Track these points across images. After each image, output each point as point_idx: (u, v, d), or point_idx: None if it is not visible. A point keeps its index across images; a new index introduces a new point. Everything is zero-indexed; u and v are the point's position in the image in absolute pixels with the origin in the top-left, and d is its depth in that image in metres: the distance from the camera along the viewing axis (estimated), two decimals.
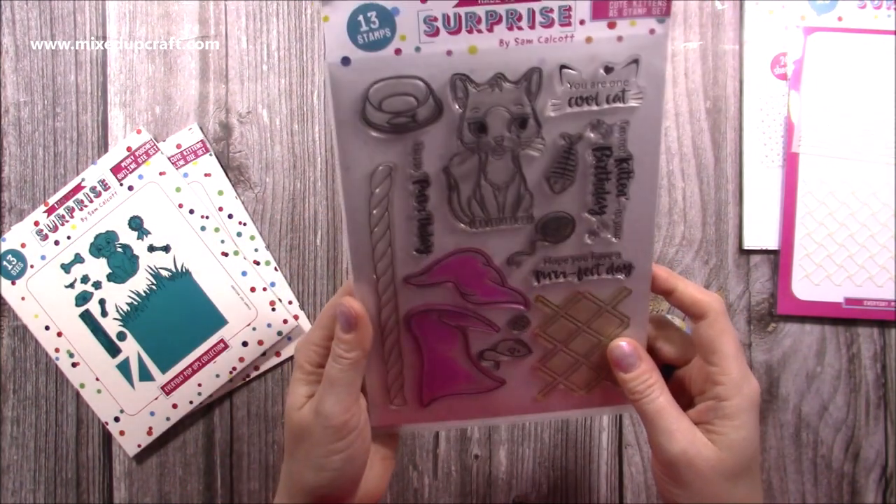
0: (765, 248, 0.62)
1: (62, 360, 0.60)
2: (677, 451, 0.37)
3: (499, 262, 0.39)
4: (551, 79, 0.35)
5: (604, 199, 0.38)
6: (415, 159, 0.36)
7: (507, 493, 0.62)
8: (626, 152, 0.37)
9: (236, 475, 0.61)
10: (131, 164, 0.60)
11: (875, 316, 0.62)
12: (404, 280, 0.39)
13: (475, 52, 0.35)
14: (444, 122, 0.36)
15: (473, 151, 0.36)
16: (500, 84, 0.35)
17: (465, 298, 0.39)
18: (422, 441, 0.61)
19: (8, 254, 0.60)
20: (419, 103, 0.35)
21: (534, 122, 0.36)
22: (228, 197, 0.61)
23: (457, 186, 0.37)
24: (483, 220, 0.38)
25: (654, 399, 0.38)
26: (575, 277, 0.39)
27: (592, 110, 0.36)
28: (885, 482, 0.62)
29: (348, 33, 0.34)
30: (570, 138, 0.36)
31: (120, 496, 0.61)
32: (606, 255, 0.39)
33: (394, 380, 0.41)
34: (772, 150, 0.62)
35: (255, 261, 0.61)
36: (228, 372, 0.60)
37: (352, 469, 0.40)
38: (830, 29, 0.62)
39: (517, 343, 0.41)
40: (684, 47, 0.63)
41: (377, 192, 0.37)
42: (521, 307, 0.40)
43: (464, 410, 0.42)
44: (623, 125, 0.36)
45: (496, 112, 0.36)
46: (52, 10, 0.62)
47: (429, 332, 0.40)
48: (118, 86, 0.62)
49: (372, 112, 0.35)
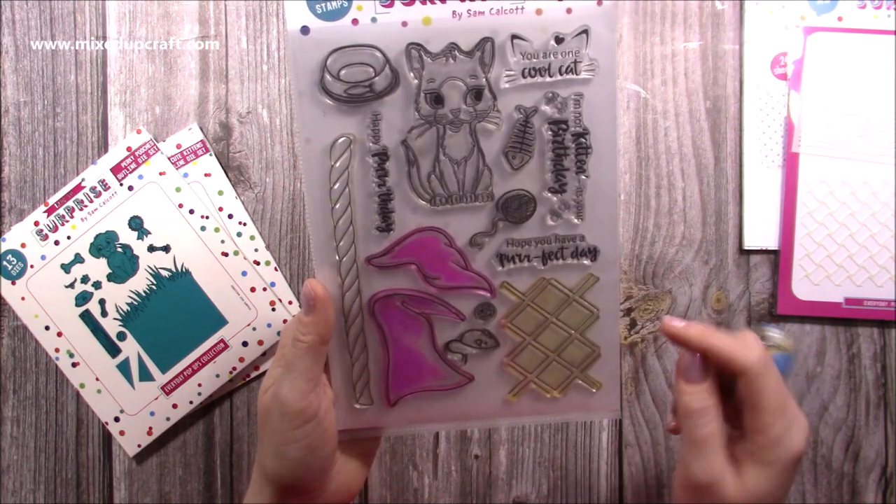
0: (765, 248, 0.62)
1: (62, 360, 0.60)
2: (706, 480, 0.36)
3: (461, 244, 0.39)
4: (504, 49, 0.36)
5: (563, 176, 0.38)
6: (373, 131, 0.37)
7: (507, 493, 0.62)
8: (582, 126, 0.37)
9: (236, 475, 0.61)
10: (131, 164, 0.60)
11: (875, 316, 0.62)
12: (367, 261, 0.39)
13: (429, 23, 0.36)
14: (401, 92, 0.37)
15: (431, 124, 0.37)
16: (454, 54, 0.36)
17: (428, 282, 0.39)
18: (422, 441, 0.61)
19: (8, 254, 0.60)
20: (376, 73, 0.36)
21: (489, 93, 0.37)
22: (228, 197, 0.61)
23: (416, 161, 0.38)
24: (444, 197, 0.38)
25: (705, 424, 0.37)
26: (539, 262, 0.39)
27: (546, 81, 0.37)
28: (885, 482, 0.62)
29: (307, 3, 0.36)
30: (526, 111, 0.37)
31: (120, 496, 0.61)
32: (570, 238, 0.39)
33: (359, 375, 0.40)
34: (772, 150, 0.62)
35: (255, 261, 0.61)
36: (228, 372, 0.60)
37: (314, 461, 0.38)
38: (830, 29, 0.62)
39: (484, 334, 0.40)
40: (684, 47, 0.63)
41: (337, 165, 0.37)
42: (486, 293, 0.39)
43: (433, 413, 0.41)
44: (577, 98, 0.37)
45: (452, 83, 0.37)
46: (52, 10, 0.62)
47: (393, 319, 0.40)
48: (118, 86, 0.62)
49: (331, 81, 0.36)
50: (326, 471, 0.40)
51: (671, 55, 0.63)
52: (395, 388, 0.41)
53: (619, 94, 0.62)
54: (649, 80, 0.62)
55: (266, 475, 0.39)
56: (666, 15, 0.63)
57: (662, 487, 0.62)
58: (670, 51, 0.63)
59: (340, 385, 0.40)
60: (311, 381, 0.38)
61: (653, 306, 0.62)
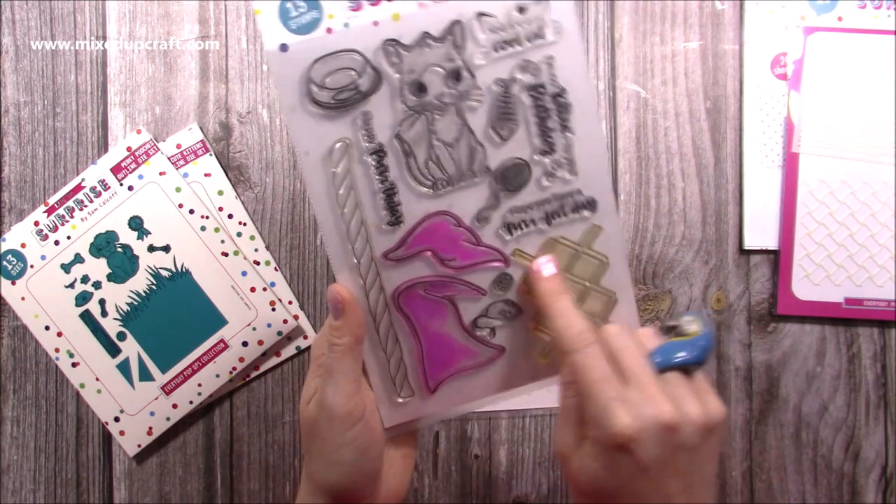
0: (765, 248, 0.62)
1: (62, 360, 0.60)
2: (556, 451, 0.39)
3: (469, 221, 0.40)
4: (472, 29, 0.38)
5: (550, 137, 0.39)
6: (367, 131, 0.38)
7: (507, 493, 0.62)
8: (558, 87, 0.39)
9: (236, 475, 0.61)
10: (131, 164, 0.60)
11: (875, 316, 0.62)
12: (383, 257, 0.40)
13: (399, 19, 0.37)
14: (385, 89, 0.38)
15: (419, 113, 0.38)
16: (428, 43, 0.38)
17: (445, 265, 0.40)
18: (422, 441, 0.61)
19: (8, 254, 0.60)
20: (359, 75, 0.38)
21: (467, 72, 0.38)
22: (228, 197, 0.61)
23: (412, 151, 0.39)
24: (444, 180, 0.39)
25: (566, 397, 0.37)
26: (544, 223, 0.40)
27: (517, 51, 0.38)
28: (885, 482, 0.62)
29: (281, 21, 0.37)
30: (504, 82, 0.39)
31: (120, 496, 0.61)
32: (568, 195, 0.40)
33: (396, 369, 0.41)
34: (772, 150, 0.62)
35: (255, 261, 0.61)
36: (228, 372, 0.60)
37: (365, 462, 0.39)
38: (830, 29, 0.62)
39: (506, 304, 0.41)
40: (684, 47, 0.63)
41: (338, 170, 0.38)
42: (500, 264, 0.41)
43: (473, 391, 0.42)
44: (549, 61, 0.38)
45: (431, 70, 0.38)
46: (52, 10, 0.62)
47: (419, 308, 0.41)
48: (118, 86, 0.62)
49: (317, 91, 0.37)
50: (377, 473, 0.40)
51: (671, 55, 0.63)
52: (433, 374, 0.42)
53: (619, 93, 0.62)
54: (649, 80, 0.62)
55: (319, 485, 0.40)
56: (666, 15, 0.63)
57: None
58: (670, 51, 0.63)
59: (380, 382, 0.41)
60: (353, 382, 0.38)
61: (653, 306, 0.62)
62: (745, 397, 0.62)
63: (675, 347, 0.38)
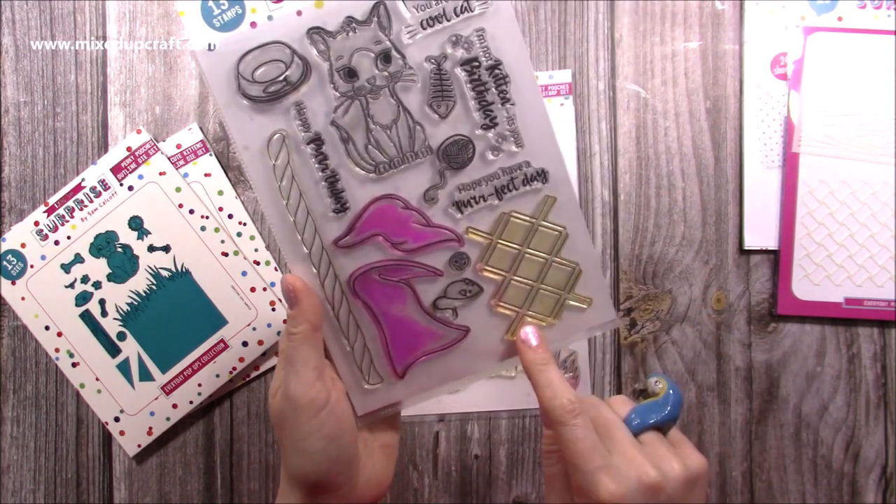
0: (765, 248, 0.62)
1: (62, 360, 0.60)
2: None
3: (416, 203, 0.40)
4: (397, 8, 0.38)
5: (490, 110, 0.39)
6: (301, 121, 0.38)
7: (507, 493, 0.62)
8: (493, 59, 0.38)
9: (236, 475, 0.61)
10: (131, 164, 0.60)
11: (875, 316, 0.62)
12: (334, 244, 0.40)
13: (321, 6, 0.37)
14: (315, 77, 0.38)
15: (352, 98, 0.38)
16: (353, 27, 0.38)
17: (398, 248, 0.40)
18: (422, 441, 0.61)
19: (8, 254, 0.60)
20: (287, 66, 0.38)
21: (396, 53, 0.38)
22: (228, 197, 0.61)
23: (350, 137, 0.39)
24: (386, 163, 0.39)
25: (549, 466, 0.40)
26: (495, 198, 0.40)
27: (445, 26, 0.38)
28: (885, 482, 0.62)
29: (204, 20, 0.37)
30: (436, 59, 0.38)
31: (120, 496, 0.61)
32: (517, 167, 0.40)
33: (361, 356, 0.41)
34: (772, 150, 0.62)
35: (255, 261, 0.61)
36: (228, 372, 0.60)
37: (336, 450, 0.39)
38: (830, 29, 0.62)
39: (465, 283, 0.41)
40: (684, 47, 0.63)
41: (278, 162, 0.38)
42: (454, 244, 0.40)
43: (443, 373, 0.42)
44: (480, 33, 0.38)
45: (360, 54, 0.38)
46: (52, 10, 0.62)
47: (376, 293, 0.40)
48: (118, 86, 0.62)
49: (247, 86, 0.37)
50: (351, 463, 0.40)
51: (671, 55, 0.63)
52: (399, 359, 0.41)
53: (619, 93, 0.62)
54: (649, 80, 0.62)
55: (293, 477, 0.40)
56: (666, 15, 0.63)
57: None
58: (670, 51, 0.63)
59: (347, 370, 0.41)
60: (314, 369, 0.38)
61: (653, 306, 0.62)
62: (745, 397, 0.62)
63: (648, 409, 0.39)
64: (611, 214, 0.62)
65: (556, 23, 0.62)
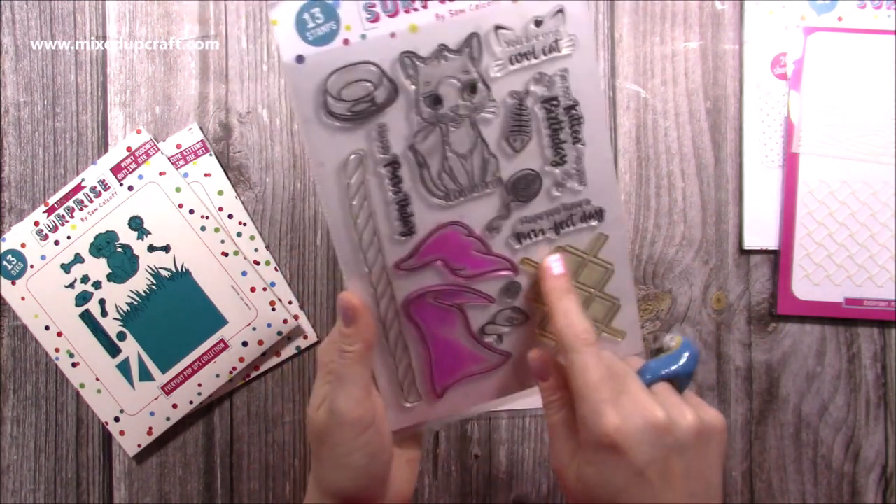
0: (765, 248, 0.62)
1: (62, 360, 0.60)
2: (553, 467, 0.40)
3: (479, 231, 0.40)
4: (489, 42, 0.38)
5: (562, 148, 0.40)
6: (381, 142, 0.38)
7: (507, 493, 0.62)
8: (571, 99, 0.39)
9: (236, 475, 0.61)
10: (131, 164, 0.60)
11: (875, 316, 0.62)
12: (395, 266, 0.40)
13: (416, 31, 0.37)
14: (401, 101, 0.38)
15: (434, 125, 0.39)
16: (445, 55, 0.38)
17: (455, 274, 0.40)
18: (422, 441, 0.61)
19: (8, 254, 0.60)
20: (375, 87, 0.38)
21: (482, 85, 0.39)
22: (228, 197, 0.61)
23: (426, 163, 0.39)
24: (456, 191, 0.40)
25: (550, 415, 0.39)
26: (553, 232, 0.41)
27: (532, 64, 0.39)
28: (885, 482, 0.62)
29: (298, 32, 0.37)
30: (519, 95, 0.39)
31: (120, 496, 0.61)
32: (577, 204, 0.40)
33: (404, 375, 0.42)
34: (772, 150, 0.62)
35: (255, 261, 0.61)
36: (228, 372, 0.60)
37: (375, 466, 0.39)
38: (830, 29, 0.62)
39: (513, 311, 0.42)
40: (684, 47, 0.63)
41: (353, 181, 0.39)
42: (509, 273, 0.41)
43: (478, 395, 0.43)
44: (563, 73, 0.39)
45: (447, 83, 0.38)
46: (52, 10, 0.62)
47: (428, 316, 0.41)
48: (118, 86, 0.62)
49: (333, 103, 0.37)
50: (386, 477, 0.41)
51: (671, 55, 0.63)
52: (440, 380, 0.42)
53: (619, 93, 0.62)
54: (649, 80, 0.62)
55: (328, 490, 0.40)
56: (666, 15, 0.63)
57: None
58: (670, 51, 0.63)
59: (388, 388, 0.42)
60: (364, 388, 0.38)
61: (653, 306, 0.62)
62: (745, 397, 0.62)
63: (661, 362, 0.39)
64: None
65: None
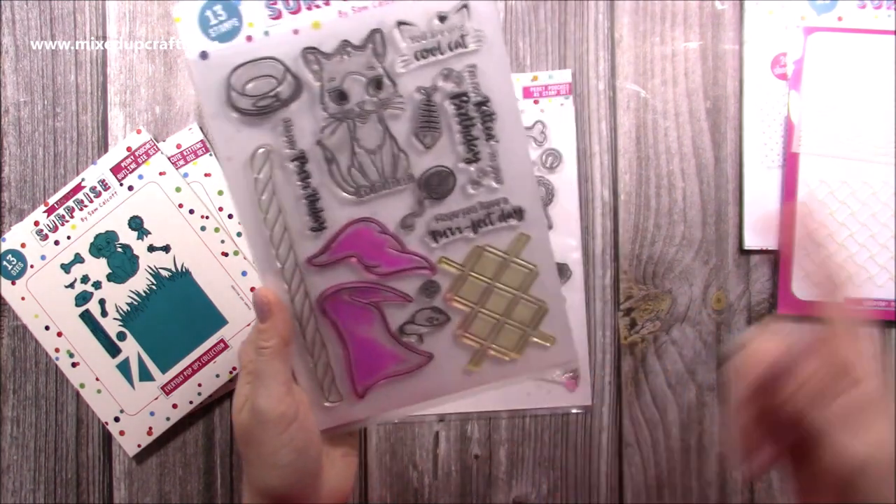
0: (765, 248, 0.62)
1: (62, 360, 0.60)
2: None
3: (393, 228, 0.40)
4: (393, 37, 0.38)
5: (475, 145, 0.40)
6: (287, 137, 0.39)
7: (507, 493, 0.62)
8: (481, 95, 0.39)
9: (236, 475, 0.61)
10: (131, 164, 0.60)
11: (875, 316, 0.62)
12: (307, 262, 0.40)
13: (319, 27, 0.38)
14: (306, 96, 0.38)
15: (341, 120, 0.39)
16: (348, 51, 0.38)
17: (370, 272, 0.40)
18: (422, 441, 0.61)
19: (8, 254, 0.60)
20: (279, 82, 0.38)
21: (388, 80, 0.39)
22: (228, 197, 0.61)
23: (334, 158, 0.39)
24: (367, 187, 0.40)
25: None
26: (470, 231, 0.40)
27: (438, 59, 0.39)
28: None
29: (200, 29, 0.37)
30: (426, 90, 0.39)
31: (120, 496, 0.61)
32: (494, 203, 0.40)
33: (323, 374, 0.41)
34: (772, 150, 0.62)
35: None
36: (228, 372, 0.60)
37: (304, 462, 0.39)
38: (830, 29, 0.62)
39: (433, 311, 0.41)
40: (684, 47, 0.63)
41: (261, 176, 0.39)
42: (427, 272, 0.41)
43: (402, 397, 0.42)
44: (471, 69, 0.39)
45: (351, 78, 0.38)
46: (52, 10, 0.62)
47: (344, 314, 0.41)
48: (118, 86, 0.62)
49: (237, 97, 0.38)
50: (317, 473, 0.40)
51: (671, 55, 0.63)
52: (360, 379, 0.42)
53: (619, 93, 0.62)
54: (649, 80, 0.62)
55: (260, 491, 0.39)
56: (666, 15, 0.63)
57: (662, 487, 0.62)
58: (670, 51, 0.63)
59: (308, 386, 0.41)
60: (284, 384, 0.38)
61: (653, 306, 0.62)
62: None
63: None
64: (611, 214, 0.62)
65: (556, 23, 0.62)
